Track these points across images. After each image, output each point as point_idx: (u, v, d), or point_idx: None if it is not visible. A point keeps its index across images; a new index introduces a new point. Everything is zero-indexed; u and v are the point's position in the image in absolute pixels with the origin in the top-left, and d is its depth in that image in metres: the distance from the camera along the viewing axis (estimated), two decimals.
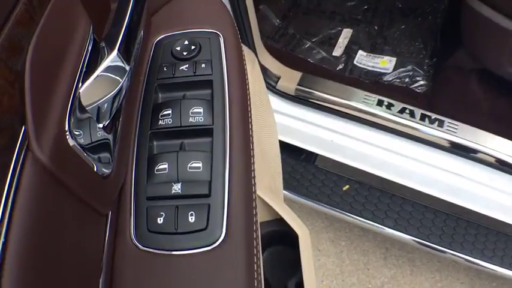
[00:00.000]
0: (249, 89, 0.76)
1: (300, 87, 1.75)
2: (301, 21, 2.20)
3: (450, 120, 1.65)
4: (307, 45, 2.07)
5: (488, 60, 1.76)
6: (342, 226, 2.17)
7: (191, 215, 0.59)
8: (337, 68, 1.98)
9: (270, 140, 1.16)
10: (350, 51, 2.05)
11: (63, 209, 0.46)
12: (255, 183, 0.67)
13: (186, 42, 0.75)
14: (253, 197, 0.65)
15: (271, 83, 1.78)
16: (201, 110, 0.67)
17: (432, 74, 1.93)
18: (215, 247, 0.58)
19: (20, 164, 0.40)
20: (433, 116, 1.66)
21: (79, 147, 0.48)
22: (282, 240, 0.97)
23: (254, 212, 0.64)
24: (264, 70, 1.78)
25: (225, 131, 0.66)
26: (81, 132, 0.49)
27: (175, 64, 0.73)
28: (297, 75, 1.79)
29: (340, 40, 2.09)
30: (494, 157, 1.61)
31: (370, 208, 1.76)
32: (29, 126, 0.41)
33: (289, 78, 1.78)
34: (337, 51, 2.04)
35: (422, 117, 1.65)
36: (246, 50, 1.27)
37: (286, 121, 1.79)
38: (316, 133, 1.76)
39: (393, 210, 1.75)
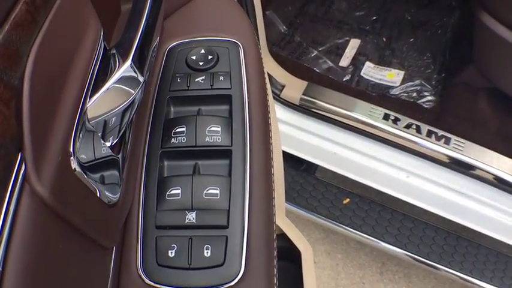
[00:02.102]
0: (269, 106, 0.72)
1: (305, 97, 1.71)
2: (308, 29, 2.16)
3: (457, 138, 1.63)
4: (314, 54, 2.03)
5: (499, 79, 1.74)
6: (338, 238, 2.14)
7: (207, 248, 0.54)
8: (344, 79, 1.94)
9: (274, 151, 1.13)
10: (357, 62, 2.01)
11: (64, 247, 0.41)
12: (275, 212, 0.63)
13: (203, 51, 0.70)
14: (274, 228, 0.60)
15: (275, 91, 1.75)
16: (219, 129, 0.62)
17: (440, 90, 1.90)
18: (233, 285, 0.53)
19: (15, 197, 0.34)
20: (440, 132, 1.63)
21: (84, 174, 0.42)
22: (283, 256, 0.94)
23: (274, 245, 0.59)
24: (269, 78, 1.74)
25: (244, 153, 0.61)
26: (87, 154, 0.43)
27: (190, 75, 0.68)
28: (302, 84, 1.76)
29: (347, 50, 2.05)
30: (499, 177, 1.59)
31: (370, 223, 1.73)
32: (27, 154, 0.35)
33: (294, 87, 1.75)
34: (344, 62, 2.00)
35: (429, 134, 1.63)
36: None
37: (290, 131, 1.76)
38: (320, 144, 1.73)
39: (393, 226, 1.72)
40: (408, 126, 1.64)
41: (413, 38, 2.12)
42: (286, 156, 1.74)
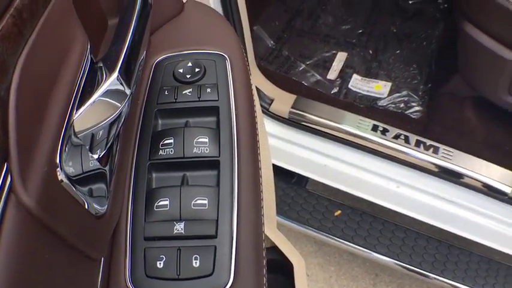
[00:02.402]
0: (257, 116, 0.72)
1: (294, 110, 1.73)
2: (296, 43, 2.18)
3: (445, 147, 1.64)
4: (302, 68, 2.05)
5: (485, 88, 1.76)
6: (331, 251, 2.14)
7: (195, 258, 0.54)
8: (332, 92, 1.96)
9: (264, 164, 1.13)
10: (345, 75, 2.03)
11: (51, 258, 0.40)
12: (264, 222, 0.63)
13: (190, 64, 0.70)
14: (263, 237, 0.60)
15: (264, 105, 1.76)
16: (207, 140, 0.62)
17: (427, 100, 1.92)
18: None
19: (1, 208, 0.34)
20: (428, 142, 1.65)
21: (71, 186, 0.42)
22: (275, 269, 0.93)
23: (264, 254, 0.59)
24: (258, 92, 1.76)
25: (232, 163, 0.61)
26: (74, 166, 0.43)
27: (178, 88, 0.68)
28: (291, 98, 1.77)
29: (334, 63, 2.07)
30: (488, 185, 1.60)
31: (362, 234, 1.73)
32: (13, 165, 0.35)
33: (283, 101, 1.76)
34: (332, 75, 2.02)
35: (417, 143, 1.64)
36: None
37: (280, 144, 1.76)
38: (310, 157, 1.74)
39: (385, 236, 1.73)
40: (397, 137, 1.65)
41: (399, 50, 2.14)
42: (277, 169, 1.73)
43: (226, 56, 0.72)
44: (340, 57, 2.10)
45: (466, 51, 1.75)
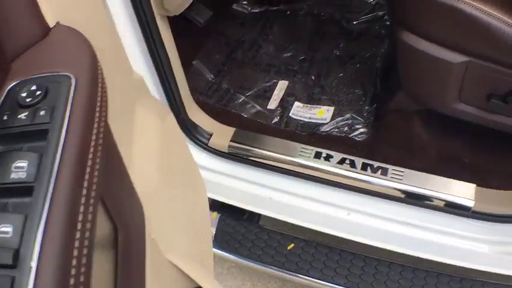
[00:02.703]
0: (99, 139, 0.67)
1: (233, 144, 1.69)
2: (236, 75, 2.16)
3: (394, 167, 1.60)
4: (241, 100, 2.02)
5: (431, 99, 1.71)
6: (295, 286, 2.06)
7: None
8: (272, 122, 1.93)
9: (192, 199, 1.09)
10: (286, 104, 2.00)
11: None
12: (87, 253, 0.57)
13: (34, 87, 0.66)
14: (72, 271, 0.55)
15: (203, 140, 1.73)
16: (25, 165, 0.57)
17: (372, 121, 1.88)
18: None
19: None
20: (376, 164, 1.60)
21: None
22: None
23: (72, 282, 0.54)
24: (195, 127, 1.73)
25: (48, 189, 0.56)
26: None
27: (16, 112, 0.64)
28: (230, 131, 1.74)
29: (275, 92, 2.04)
30: (445, 201, 1.55)
31: (318, 266, 1.67)
32: None
33: (222, 135, 1.73)
34: (272, 104, 1.99)
35: (364, 167, 1.60)
36: (156, 104, 1.19)
37: (221, 179, 1.73)
38: (253, 191, 1.71)
39: (343, 266, 1.66)
40: (342, 162, 1.61)
41: (343, 73, 2.11)
42: (226, 205, 1.72)
43: (72, 77, 0.68)
44: (281, 86, 2.07)
45: (406, 63, 1.69)
